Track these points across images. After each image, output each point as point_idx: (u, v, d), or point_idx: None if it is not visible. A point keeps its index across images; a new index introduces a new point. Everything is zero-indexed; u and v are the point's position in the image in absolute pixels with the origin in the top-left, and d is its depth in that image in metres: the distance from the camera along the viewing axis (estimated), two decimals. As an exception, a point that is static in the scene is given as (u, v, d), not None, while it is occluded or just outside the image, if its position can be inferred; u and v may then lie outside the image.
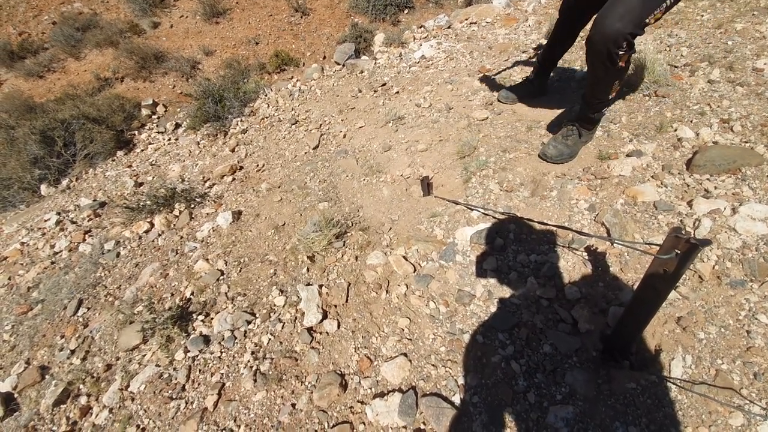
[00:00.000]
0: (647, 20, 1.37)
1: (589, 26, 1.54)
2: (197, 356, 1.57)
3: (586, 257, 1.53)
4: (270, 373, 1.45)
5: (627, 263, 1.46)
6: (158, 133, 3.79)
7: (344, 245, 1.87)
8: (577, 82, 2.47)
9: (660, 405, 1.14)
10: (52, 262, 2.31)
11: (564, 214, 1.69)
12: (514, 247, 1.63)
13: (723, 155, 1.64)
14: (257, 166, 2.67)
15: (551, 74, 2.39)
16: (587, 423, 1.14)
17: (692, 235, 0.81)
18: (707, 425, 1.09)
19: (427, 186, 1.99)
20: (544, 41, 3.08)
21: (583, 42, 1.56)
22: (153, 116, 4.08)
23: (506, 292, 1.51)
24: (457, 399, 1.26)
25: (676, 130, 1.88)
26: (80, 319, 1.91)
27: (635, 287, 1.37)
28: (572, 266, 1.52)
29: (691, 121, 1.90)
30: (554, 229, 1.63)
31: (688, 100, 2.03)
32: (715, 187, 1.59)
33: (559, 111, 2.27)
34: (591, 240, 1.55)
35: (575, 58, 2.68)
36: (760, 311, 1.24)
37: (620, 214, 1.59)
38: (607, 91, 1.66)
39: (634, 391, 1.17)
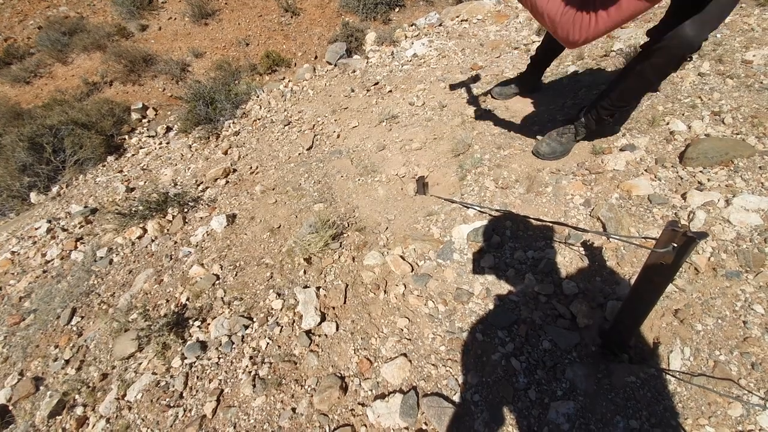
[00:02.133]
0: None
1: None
2: (194, 363, 1.55)
3: (583, 252, 1.53)
4: (269, 377, 1.43)
5: (623, 257, 1.47)
6: (149, 137, 3.75)
7: (341, 246, 1.86)
8: (569, 78, 2.48)
9: (660, 398, 1.15)
10: (44, 271, 2.27)
11: (560, 209, 1.69)
12: (511, 244, 1.63)
13: (715, 147, 1.66)
14: (251, 168, 2.65)
15: (544, 70, 2.39)
16: (588, 418, 1.15)
17: (688, 228, 0.81)
18: (707, 416, 1.10)
19: (422, 185, 1.99)
20: (535, 37, 3.08)
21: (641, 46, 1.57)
22: (143, 120, 4.03)
23: (504, 289, 1.51)
24: (458, 398, 1.26)
25: (668, 124, 1.89)
26: (74, 329, 1.88)
27: (632, 281, 1.38)
28: (569, 262, 1.52)
29: (683, 114, 1.91)
30: (550, 225, 1.63)
31: (680, 93, 2.05)
32: (708, 180, 1.60)
33: (553, 107, 2.28)
34: (587, 235, 1.56)
35: (567, 54, 2.69)
36: (756, 301, 1.25)
37: (615, 209, 1.60)
38: (640, 97, 1.67)
39: (633, 384, 1.18)
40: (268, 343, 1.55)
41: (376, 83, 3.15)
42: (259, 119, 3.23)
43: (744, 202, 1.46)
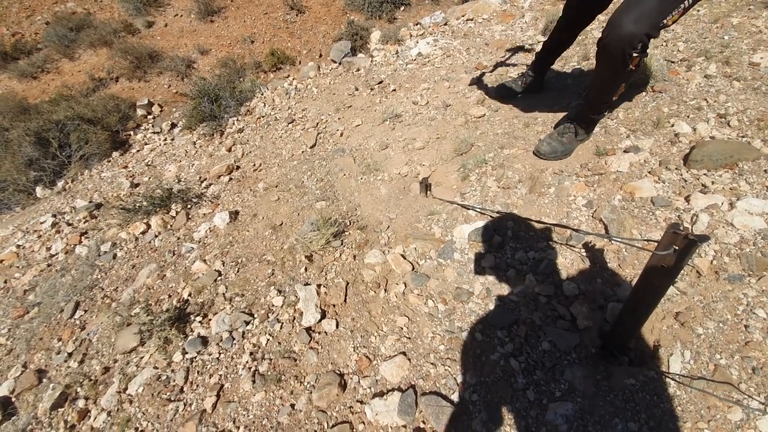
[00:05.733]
0: (664, 22, 1.35)
1: (593, 25, 1.52)
2: (195, 358, 1.57)
3: (584, 253, 1.52)
4: (269, 373, 1.44)
5: (625, 259, 1.46)
6: (154, 133, 3.77)
7: (342, 244, 1.86)
8: (574, 78, 2.47)
9: (659, 401, 1.14)
10: (49, 265, 2.30)
11: (562, 210, 1.69)
12: (512, 245, 1.63)
13: (720, 150, 1.64)
14: (254, 165, 2.66)
15: (548, 70, 2.38)
16: (587, 420, 1.14)
17: (690, 231, 0.80)
18: (706, 420, 1.09)
19: (425, 186, 1.99)
20: (540, 37, 3.06)
21: (584, 39, 1.54)
22: (148, 116, 4.06)
23: (505, 289, 1.50)
24: (456, 397, 1.26)
25: (673, 126, 1.87)
26: (77, 322, 1.90)
27: (633, 283, 1.37)
28: (570, 263, 1.51)
29: (688, 117, 1.90)
30: (552, 226, 1.63)
31: (685, 95, 2.03)
32: (713, 182, 1.58)
33: (556, 107, 2.26)
34: (589, 236, 1.55)
35: (572, 54, 2.67)
36: (758, 306, 1.24)
37: (618, 210, 1.59)
38: (612, 93, 1.66)
39: (633, 387, 1.17)
40: (268, 340, 1.56)
41: (381, 82, 3.15)
42: (263, 117, 3.24)
43: (748, 206, 1.45)
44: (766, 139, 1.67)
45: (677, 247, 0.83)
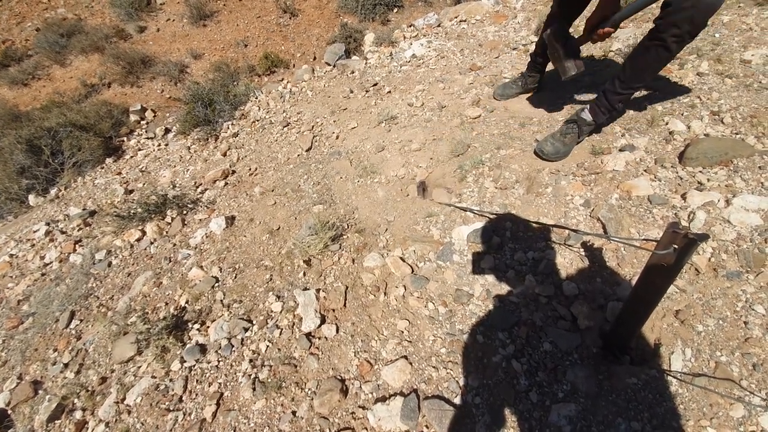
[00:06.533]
0: None
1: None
2: (194, 366, 1.55)
3: (583, 253, 1.53)
4: (269, 380, 1.43)
5: (624, 258, 1.47)
6: (147, 138, 3.74)
7: (340, 248, 1.85)
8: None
9: (661, 399, 1.14)
10: (43, 274, 2.27)
11: (560, 210, 1.69)
12: (511, 245, 1.63)
13: (714, 147, 1.65)
14: (250, 169, 2.64)
15: (545, 70, 2.39)
16: (590, 420, 1.14)
17: (689, 230, 0.80)
18: (708, 418, 1.09)
19: (423, 189, 1.98)
20: (533, 37, 3.08)
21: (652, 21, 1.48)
22: (142, 122, 4.02)
23: (505, 290, 1.50)
24: (459, 400, 1.26)
25: (667, 124, 1.89)
26: (73, 332, 1.87)
27: (633, 282, 1.38)
28: (569, 263, 1.52)
29: (682, 114, 1.91)
30: (550, 226, 1.63)
31: (678, 93, 2.04)
32: (708, 180, 1.59)
33: (553, 107, 2.27)
34: (587, 236, 1.55)
35: (565, 53, 2.68)
36: (757, 302, 1.25)
37: (615, 209, 1.59)
38: (655, 73, 1.64)
39: (635, 386, 1.17)
40: (267, 346, 1.54)
41: (375, 84, 3.14)
42: (257, 120, 3.22)
43: (744, 202, 1.46)
44: (759, 136, 1.69)
45: (677, 246, 0.83)
